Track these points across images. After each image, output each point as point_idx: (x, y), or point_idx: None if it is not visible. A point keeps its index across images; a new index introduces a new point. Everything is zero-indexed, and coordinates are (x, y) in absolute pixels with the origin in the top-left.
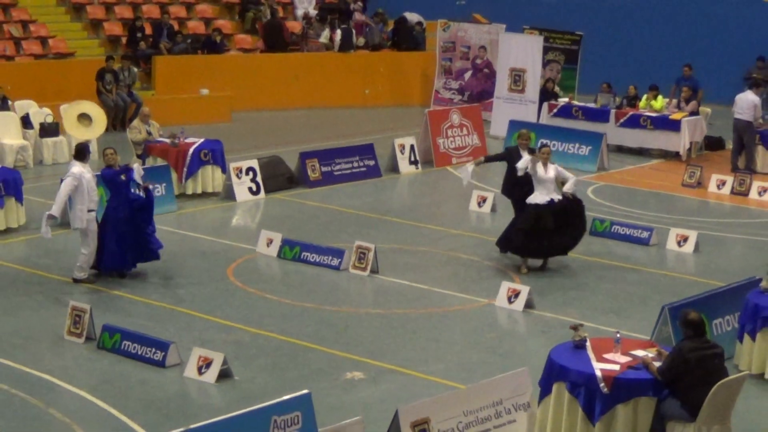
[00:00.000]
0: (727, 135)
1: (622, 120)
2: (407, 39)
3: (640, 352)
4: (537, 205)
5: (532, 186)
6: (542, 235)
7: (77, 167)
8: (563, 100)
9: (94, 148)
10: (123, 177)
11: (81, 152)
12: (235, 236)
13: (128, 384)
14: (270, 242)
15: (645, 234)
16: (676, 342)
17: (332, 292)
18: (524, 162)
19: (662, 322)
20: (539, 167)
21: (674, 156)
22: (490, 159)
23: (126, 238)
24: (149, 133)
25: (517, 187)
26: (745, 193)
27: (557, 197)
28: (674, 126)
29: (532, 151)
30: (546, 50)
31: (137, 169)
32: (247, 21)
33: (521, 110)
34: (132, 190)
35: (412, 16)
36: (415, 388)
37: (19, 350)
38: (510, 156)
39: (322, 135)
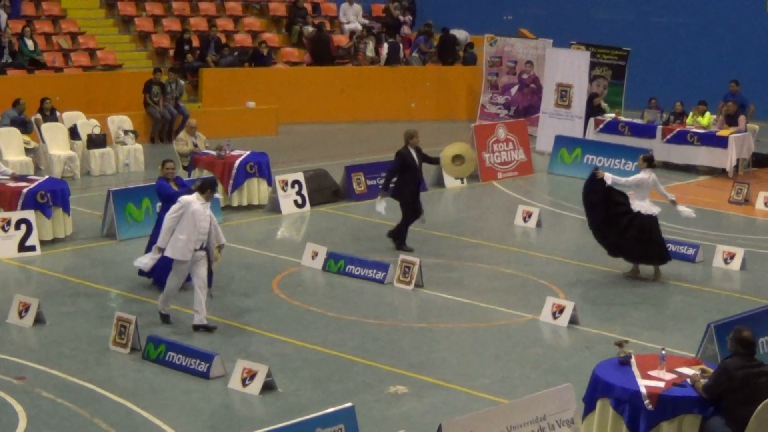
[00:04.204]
0: None
1: (668, 136)
2: (452, 54)
3: (685, 370)
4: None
5: (418, 186)
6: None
7: (190, 196)
8: (610, 116)
9: (141, 158)
10: (176, 188)
11: (203, 186)
12: (280, 249)
13: (172, 395)
14: (315, 255)
15: (691, 251)
16: (721, 360)
17: (377, 305)
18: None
19: (708, 339)
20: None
21: (721, 173)
22: (388, 181)
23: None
24: (195, 146)
25: (409, 187)
26: None
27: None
28: (721, 142)
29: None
30: (593, 66)
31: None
32: (294, 34)
33: (567, 125)
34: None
35: (460, 34)
36: (459, 402)
37: (64, 359)
38: (404, 159)
39: (367, 148)
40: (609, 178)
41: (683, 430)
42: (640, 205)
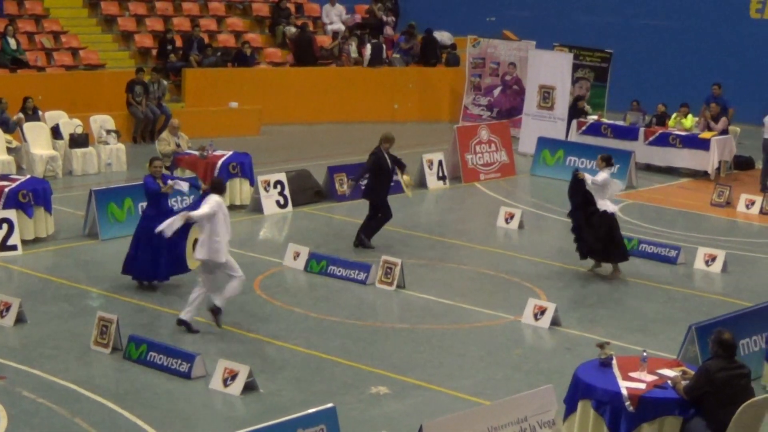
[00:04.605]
0: (757, 155)
1: (651, 138)
2: (434, 55)
3: (666, 371)
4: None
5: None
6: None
7: (219, 197)
8: (592, 118)
9: (123, 158)
10: (161, 184)
11: (218, 186)
12: (262, 249)
13: (154, 395)
14: (297, 255)
15: (673, 253)
16: (702, 361)
17: (358, 306)
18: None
19: (689, 341)
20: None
21: (703, 175)
22: (361, 176)
23: (161, 249)
24: (178, 145)
25: (383, 190)
26: None
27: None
28: (703, 145)
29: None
30: (575, 67)
31: (182, 185)
32: (278, 35)
33: (550, 127)
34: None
35: (443, 35)
36: (440, 403)
37: (46, 360)
38: (378, 160)
39: (350, 149)
40: (589, 179)
41: (664, 431)
42: (604, 203)
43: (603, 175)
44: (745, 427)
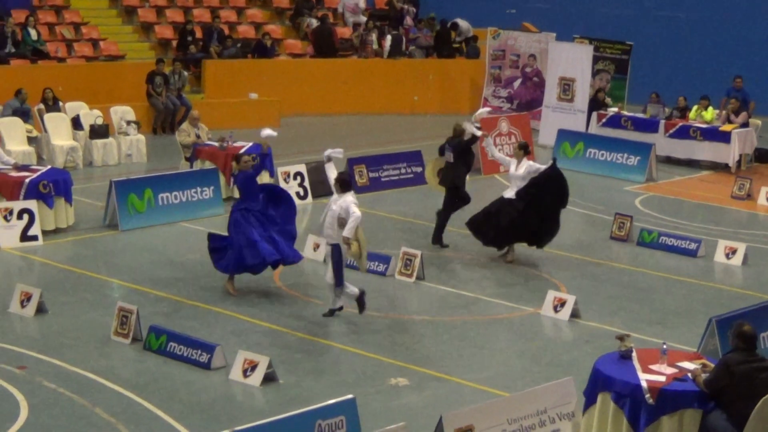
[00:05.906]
0: None
1: (671, 131)
2: (448, 47)
3: (686, 364)
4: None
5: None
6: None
7: (352, 196)
8: (612, 110)
9: (143, 149)
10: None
11: (348, 183)
12: None
13: (173, 385)
14: (317, 247)
15: (693, 245)
16: (722, 354)
17: (378, 298)
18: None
19: (709, 334)
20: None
21: (723, 168)
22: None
23: (257, 237)
24: (198, 137)
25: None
26: None
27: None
28: (724, 138)
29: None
30: (596, 60)
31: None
32: (302, 28)
33: (570, 119)
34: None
35: (463, 23)
36: (460, 395)
37: (66, 349)
38: (465, 144)
39: (370, 141)
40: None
41: (684, 424)
42: (511, 191)
43: (529, 164)
44: (765, 421)
